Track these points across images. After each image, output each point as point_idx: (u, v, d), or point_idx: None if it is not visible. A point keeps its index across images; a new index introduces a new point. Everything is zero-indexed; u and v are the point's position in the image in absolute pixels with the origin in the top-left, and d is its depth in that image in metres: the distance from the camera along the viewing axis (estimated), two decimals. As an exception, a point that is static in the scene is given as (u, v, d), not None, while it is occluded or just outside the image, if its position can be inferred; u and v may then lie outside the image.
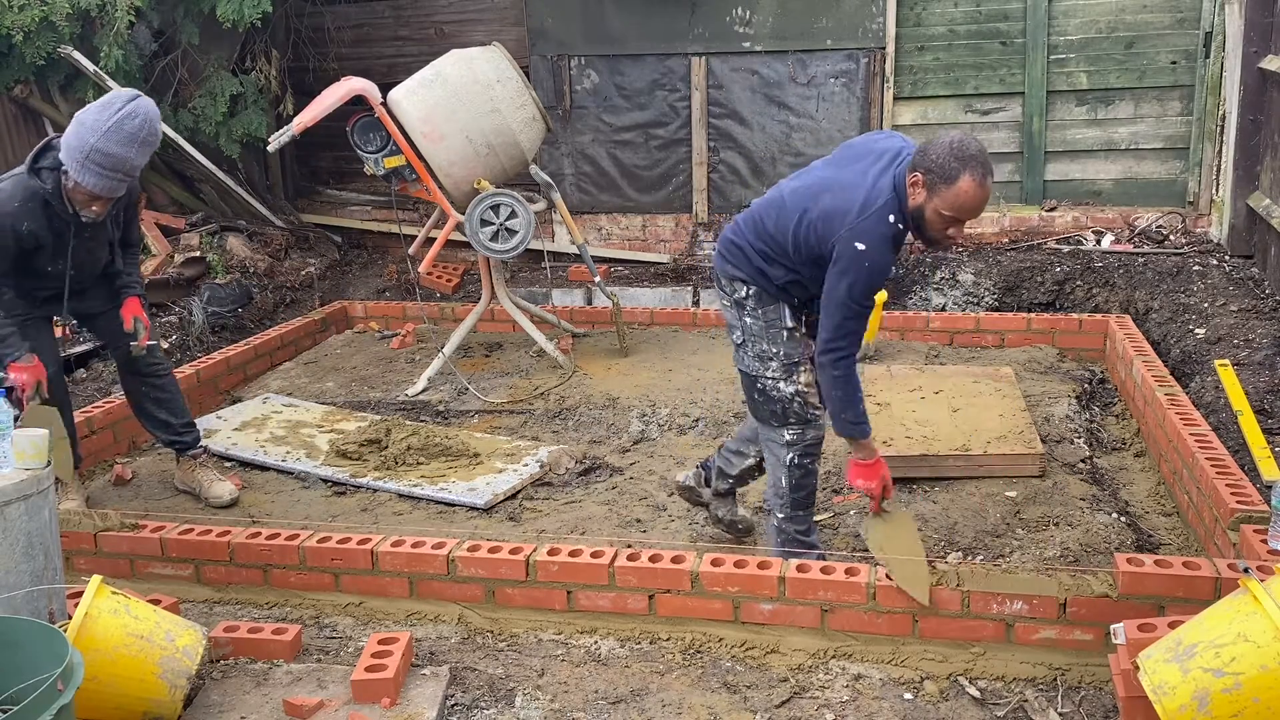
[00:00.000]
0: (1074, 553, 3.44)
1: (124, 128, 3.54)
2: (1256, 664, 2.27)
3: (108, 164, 3.56)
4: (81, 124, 3.57)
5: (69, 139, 3.58)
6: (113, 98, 3.61)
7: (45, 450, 2.91)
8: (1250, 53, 6.29)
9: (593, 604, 3.27)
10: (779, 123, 7.56)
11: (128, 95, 3.61)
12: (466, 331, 5.85)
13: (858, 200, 2.99)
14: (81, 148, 3.55)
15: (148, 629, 2.74)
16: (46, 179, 3.70)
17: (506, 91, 5.43)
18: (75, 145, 3.56)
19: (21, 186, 3.70)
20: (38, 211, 3.71)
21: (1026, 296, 6.69)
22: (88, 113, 3.59)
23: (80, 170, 3.57)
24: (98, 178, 3.58)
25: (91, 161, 3.55)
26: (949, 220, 2.94)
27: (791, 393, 3.30)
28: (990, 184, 2.90)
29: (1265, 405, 4.27)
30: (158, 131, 3.67)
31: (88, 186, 3.60)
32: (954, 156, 2.87)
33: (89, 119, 3.56)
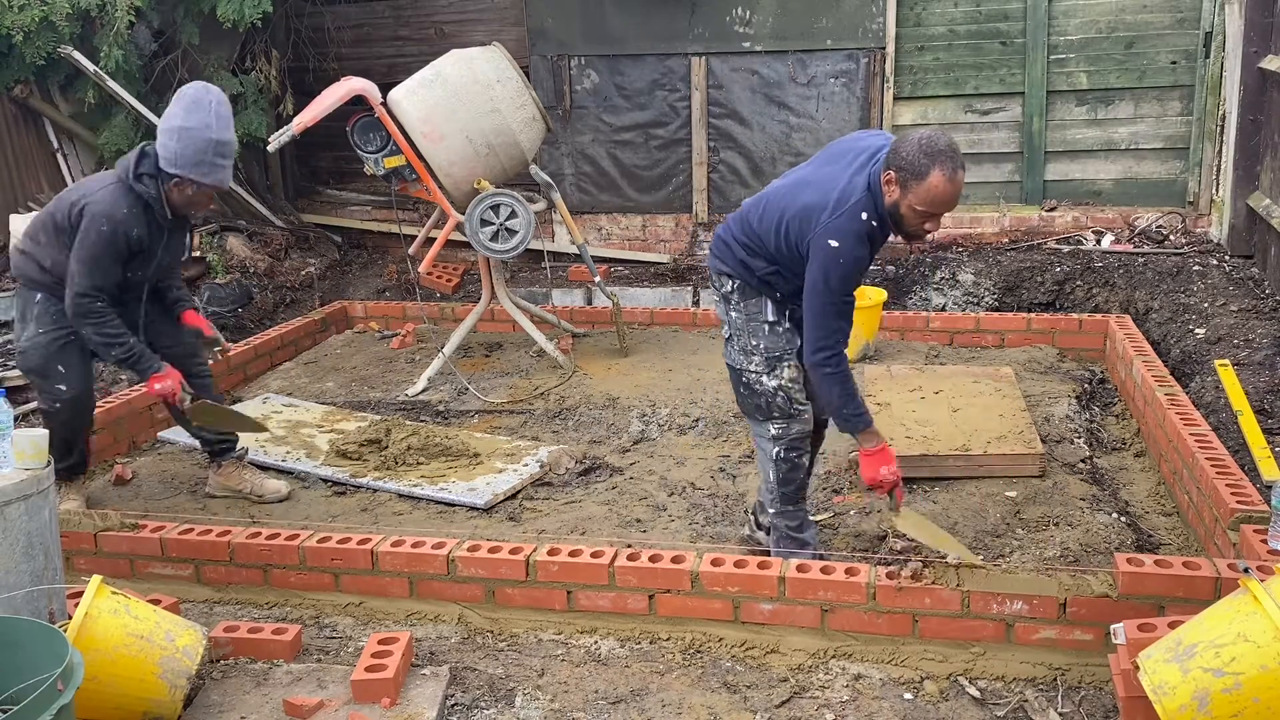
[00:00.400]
0: (1074, 553, 3.44)
1: (223, 114, 3.72)
2: (1256, 664, 2.28)
3: (226, 152, 3.72)
4: (187, 129, 3.66)
5: (180, 148, 3.66)
6: (196, 94, 3.71)
7: (45, 450, 2.91)
8: (1250, 53, 6.29)
9: (593, 604, 3.27)
10: (779, 123, 7.56)
11: (203, 86, 3.75)
12: (466, 331, 5.85)
13: (832, 198, 3.05)
14: (204, 148, 3.66)
15: (148, 629, 2.74)
16: (149, 184, 3.75)
17: (506, 91, 5.42)
18: (194, 150, 3.65)
19: (125, 192, 3.73)
20: (142, 217, 3.77)
21: (1026, 296, 6.69)
22: (183, 118, 3.66)
23: (208, 171, 3.69)
24: (222, 170, 3.74)
25: (218, 156, 3.69)
26: (923, 215, 2.99)
27: (774, 387, 3.32)
28: (961, 177, 2.94)
29: (1265, 405, 4.27)
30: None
31: (213, 182, 3.74)
32: (923, 153, 2.92)
33: (193, 121, 3.66)
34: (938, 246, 7.34)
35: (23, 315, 3.92)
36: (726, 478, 4.32)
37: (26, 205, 7.48)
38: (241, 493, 4.27)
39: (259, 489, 4.27)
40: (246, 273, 7.33)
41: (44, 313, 3.87)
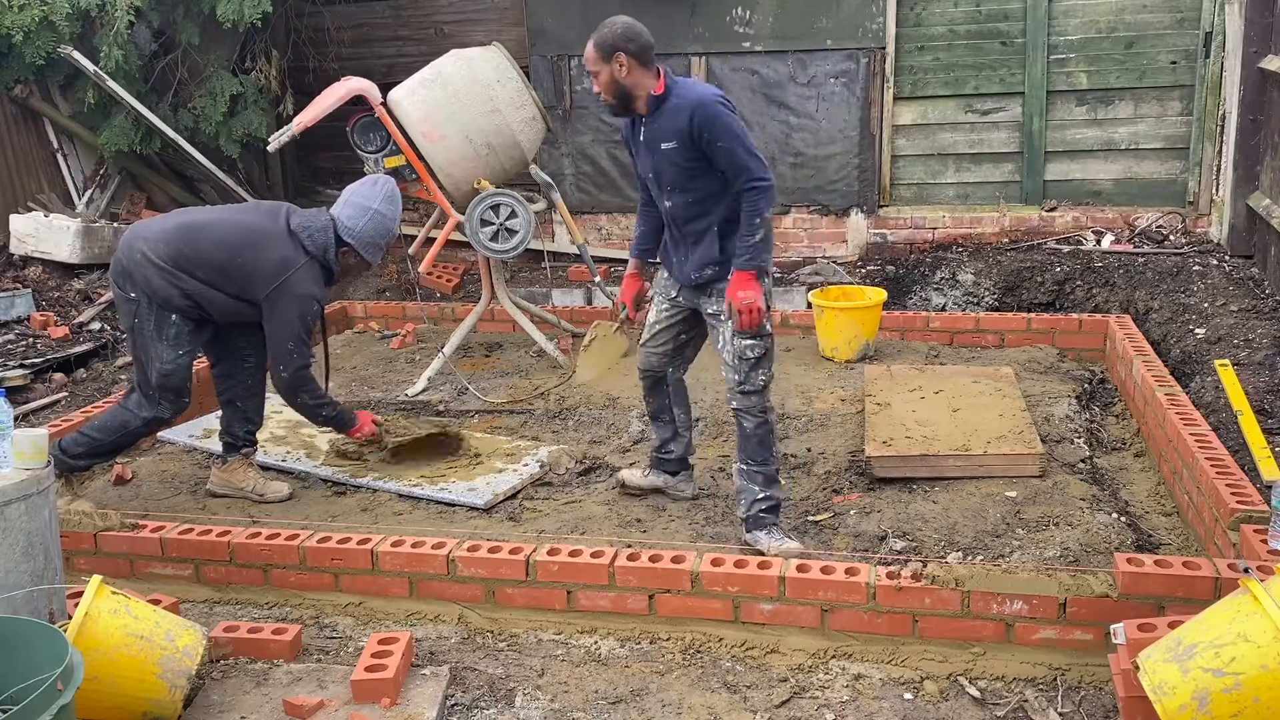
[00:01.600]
0: (1074, 553, 3.44)
1: (399, 211, 4.13)
2: (1256, 664, 2.28)
3: (390, 242, 4.16)
4: (381, 215, 4.06)
5: (367, 226, 4.03)
6: (386, 186, 4.11)
7: (45, 450, 2.91)
8: (1250, 53, 6.29)
9: (593, 604, 3.27)
10: (779, 123, 7.56)
11: (386, 179, 4.17)
12: (466, 331, 5.85)
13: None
14: (384, 235, 4.08)
15: (148, 629, 2.74)
16: (334, 261, 4.06)
17: (506, 91, 5.42)
18: (376, 233, 4.06)
19: (320, 269, 4.01)
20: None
21: (1026, 296, 6.69)
22: (382, 204, 4.06)
23: (375, 252, 4.11)
24: (380, 254, 4.16)
25: (387, 243, 4.14)
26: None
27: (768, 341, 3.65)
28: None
29: (1265, 405, 4.27)
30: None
31: (372, 261, 4.16)
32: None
33: (385, 209, 4.06)
34: (938, 247, 7.35)
35: (158, 334, 3.92)
36: (726, 478, 4.32)
37: (26, 205, 7.49)
38: (243, 491, 4.27)
39: (261, 489, 4.28)
40: (247, 273, 7.32)
41: (181, 333, 3.96)
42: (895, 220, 7.53)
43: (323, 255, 3.98)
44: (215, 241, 3.89)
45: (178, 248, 3.88)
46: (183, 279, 3.87)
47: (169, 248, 3.88)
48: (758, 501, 3.62)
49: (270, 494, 4.27)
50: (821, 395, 5.08)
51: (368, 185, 4.12)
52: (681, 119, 3.46)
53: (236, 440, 4.31)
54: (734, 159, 3.43)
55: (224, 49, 7.70)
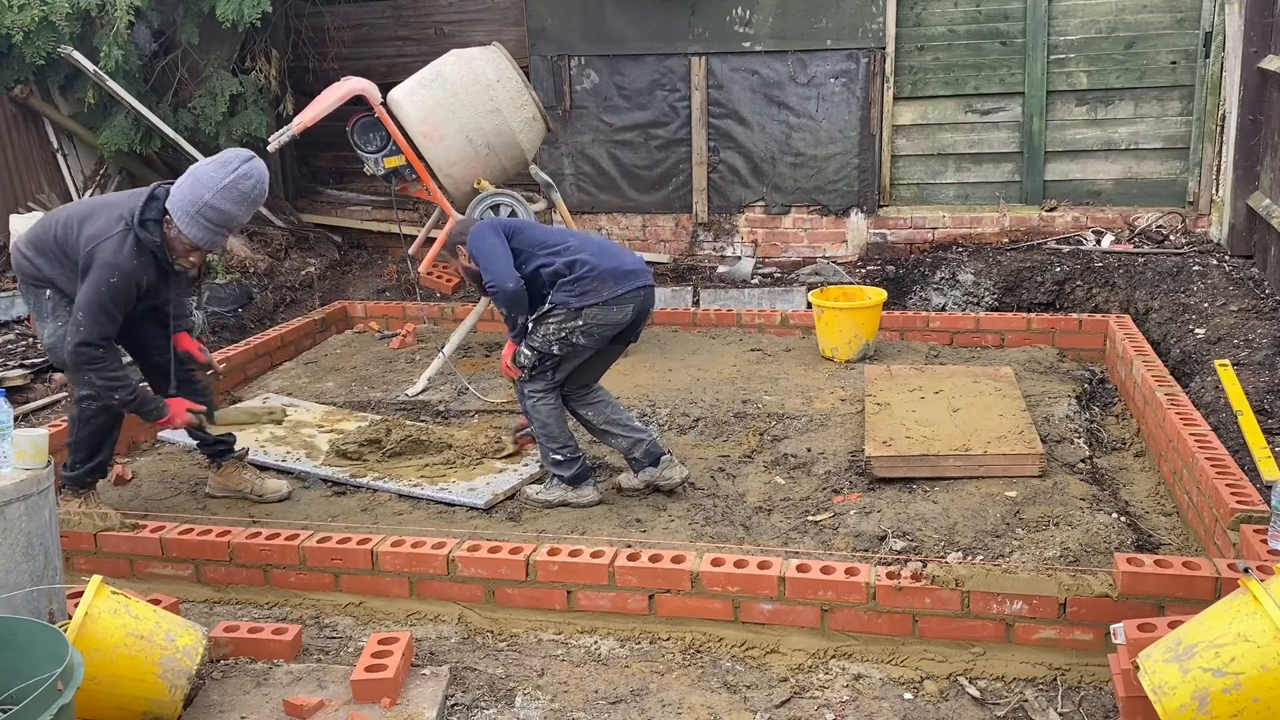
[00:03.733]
0: (1074, 553, 3.44)
1: (238, 187, 3.65)
2: (1256, 664, 2.28)
3: (218, 220, 3.66)
4: (197, 179, 3.66)
5: (182, 191, 3.65)
6: (229, 157, 3.71)
7: (45, 450, 2.91)
8: (1250, 53, 6.30)
9: (593, 604, 3.27)
10: (779, 123, 7.56)
11: (244, 155, 3.72)
12: (466, 331, 5.85)
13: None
14: (195, 203, 3.62)
15: (148, 629, 2.74)
16: (154, 231, 3.72)
17: (506, 91, 5.42)
18: (189, 199, 3.63)
19: (134, 240, 3.70)
20: (151, 263, 3.75)
21: (1026, 296, 6.69)
22: (204, 168, 3.68)
23: (189, 223, 3.65)
24: (205, 232, 3.67)
25: (203, 216, 3.63)
26: None
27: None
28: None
29: (1265, 405, 4.27)
30: (266, 193, 3.79)
31: (191, 238, 3.67)
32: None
33: (204, 175, 3.66)
34: (938, 246, 7.35)
35: (39, 313, 3.92)
36: (726, 477, 4.32)
37: (26, 205, 7.49)
38: (241, 493, 4.27)
39: (259, 489, 4.28)
40: (246, 273, 7.33)
41: (58, 305, 3.87)
42: (895, 220, 7.53)
43: (138, 225, 3.69)
44: (62, 220, 3.84)
45: (38, 232, 3.88)
46: (38, 261, 3.84)
47: (32, 233, 3.89)
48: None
49: (269, 493, 4.27)
50: (821, 395, 5.08)
51: (214, 158, 3.76)
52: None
53: (210, 449, 4.28)
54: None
55: (224, 49, 7.70)
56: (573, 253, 4.02)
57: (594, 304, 3.95)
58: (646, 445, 4.14)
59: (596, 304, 3.95)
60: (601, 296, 3.95)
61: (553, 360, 4.02)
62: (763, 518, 3.93)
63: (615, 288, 3.97)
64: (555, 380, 4.08)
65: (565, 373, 4.09)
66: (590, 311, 3.95)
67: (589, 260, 3.98)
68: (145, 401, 3.84)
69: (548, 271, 3.99)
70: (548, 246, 4.06)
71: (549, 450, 4.12)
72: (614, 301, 3.97)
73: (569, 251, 4.03)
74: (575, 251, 4.03)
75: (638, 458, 4.13)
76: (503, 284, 3.95)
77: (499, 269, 3.98)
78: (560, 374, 4.08)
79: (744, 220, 7.78)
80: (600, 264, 3.98)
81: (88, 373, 3.71)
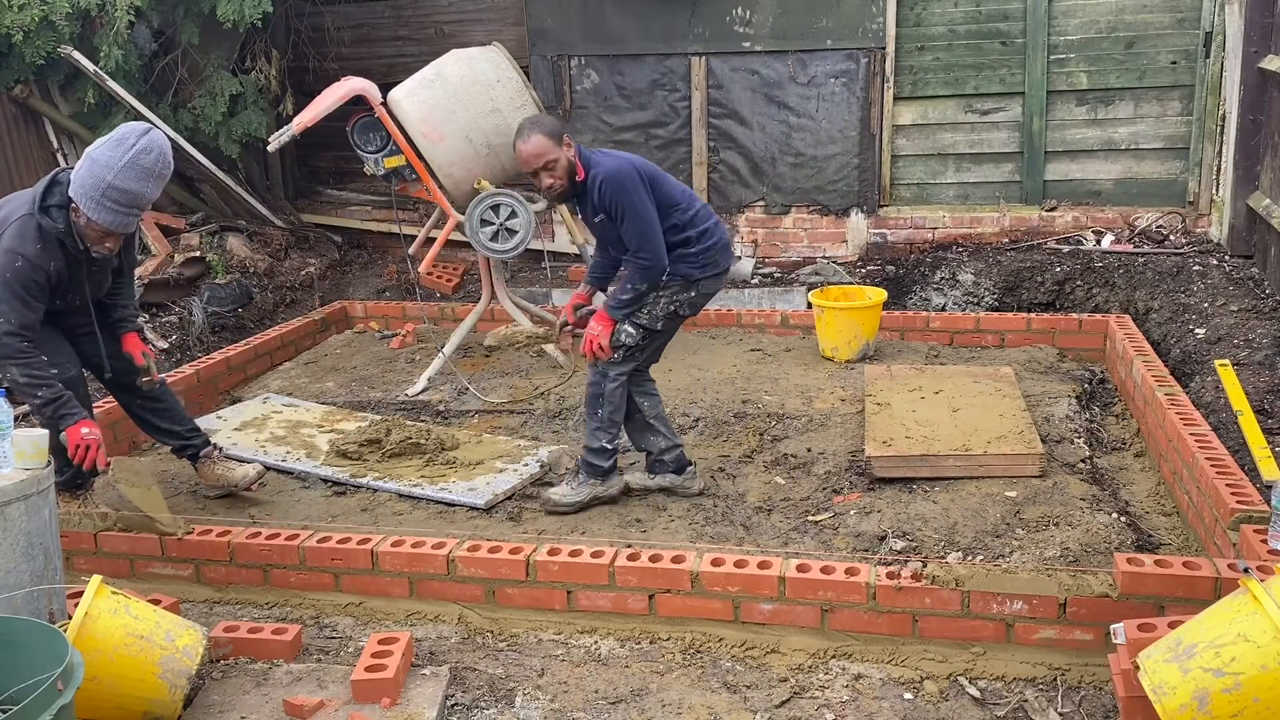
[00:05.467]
0: (1074, 553, 3.44)
1: (139, 163, 3.48)
2: (1256, 664, 2.28)
3: (124, 200, 3.50)
4: (95, 161, 3.49)
5: (81, 176, 3.50)
6: (125, 133, 3.52)
7: (45, 450, 2.91)
8: (1250, 53, 6.29)
9: (593, 604, 3.27)
10: (779, 123, 7.56)
11: (140, 130, 3.54)
12: (466, 331, 5.85)
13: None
14: (97, 185, 3.47)
15: (148, 629, 2.74)
16: (56, 217, 3.58)
17: (506, 91, 5.42)
18: (90, 184, 3.48)
19: (35, 226, 3.56)
20: (56, 250, 3.61)
21: (1026, 296, 6.69)
22: (100, 149, 3.51)
23: (95, 208, 3.49)
24: (113, 214, 3.51)
25: (107, 199, 3.48)
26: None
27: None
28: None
29: (1265, 405, 4.27)
30: (170, 165, 3.62)
31: (102, 223, 3.52)
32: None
33: (101, 156, 3.48)
34: (938, 246, 7.35)
35: None
36: (726, 477, 4.32)
37: (26, 205, 7.48)
38: (221, 487, 4.24)
39: (230, 478, 4.20)
40: (246, 273, 7.33)
41: None
42: (895, 220, 7.53)
43: (39, 212, 3.57)
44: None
45: None
46: None
47: None
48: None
49: (238, 480, 4.18)
50: (821, 395, 5.08)
51: (108, 137, 3.55)
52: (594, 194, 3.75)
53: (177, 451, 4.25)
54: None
55: (224, 49, 7.70)
56: (701, 219, 3.78)
57: (711, 275, 3.78)
58: (679, 452, 4.09)
59: (713, 275, 3.78)
60: (719, 268, 3.78)
61: (649, 338, 3.82)
62: (763, 518, 3.93)
63: (727, 259, 3.83)
64: (640, 361, 3.91)
65: (650, 352, 3.92)
66: (705, 283, 3.78)
67: (714, 229, 3.78)
68: (67, 404, 3.63)
69: (675, 239, 3.74)
70: (678, 207, 3.77)
71: (601, 436, 3.92)
72: (722, 275, 3.82)
73: (698, 218, 3.78)
74: (702, 219, 3.79)
75: (666, 460, 4.08)
76: (658, 261, 3.66)
77: (655, 242, 3.66)
78: (646, 354, 3.90)
79: (744, 220, 7.78)
80: (721, 233, 3.81)
81: (14, 367, 3.57)
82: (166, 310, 6.77)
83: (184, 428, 4.25)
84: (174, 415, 4.23)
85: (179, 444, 4.25)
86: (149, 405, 4.19)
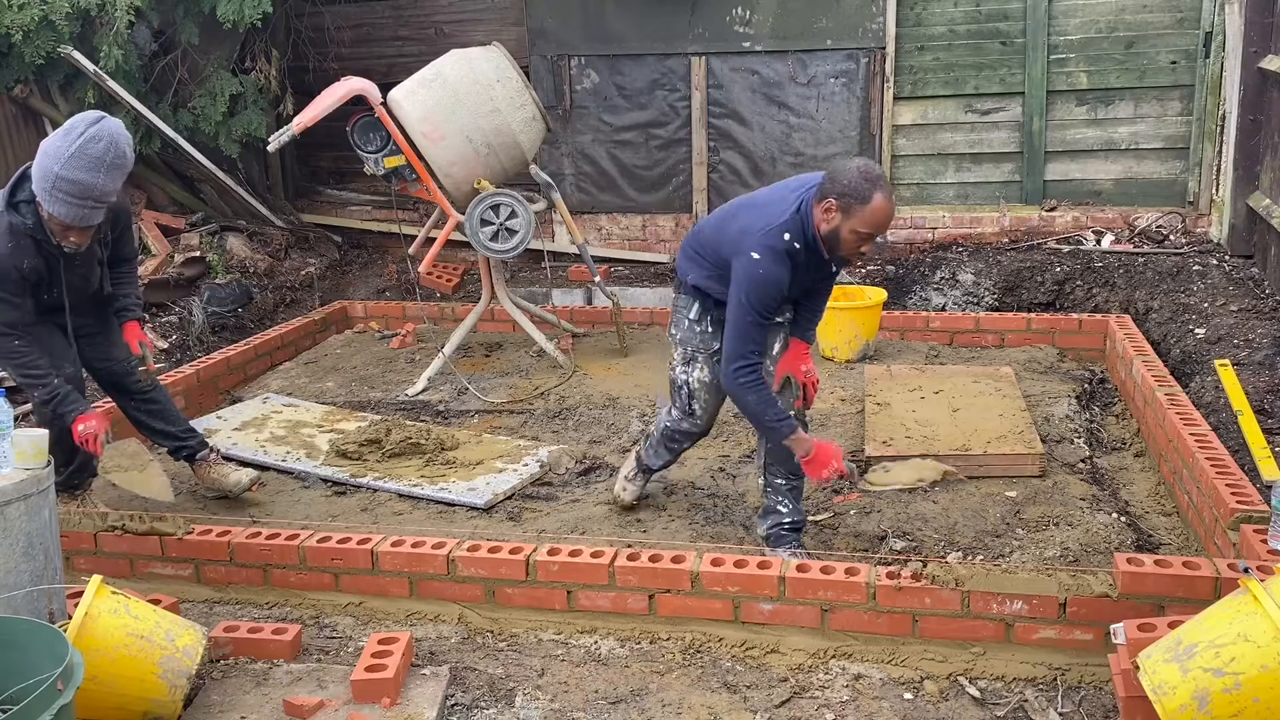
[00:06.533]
0: (1074, 553, 3.44)
1: (87, 152, 3.36)
2: (1256, 664, 2.28)
3: (75, 192, 3.38)
4: (45, 153, 3.39)
5: (36, 169, 3.41)
6: (74, 122, 3.42)
7: (45, 450, 2.91)
8: (1250, 53, 6.29)
9: (593, 604, 3.27)
10: (779, 123, 7.56)
11: (90, 118, 3.43)
12: (466, 331, 5.85)
13: (764, 219, 3.27)
14: (47, 177, 3.37)
15: (148, 629, 2.74)
16: (26, 213, 3.51)
17: (506, 91, 5.42)
18: (40, 175, 3.39)
19: (5, 224, 3.51)
20: (30, 247, 3.55)
21: (1026, 296, 6.69)
22: (50, 140, 3.42)
23: (50, 201, 3.40)
24: (67, 207, 3.40)
25: (59, 190, 3.37)
26: (862, 237, 3.20)
27: (683, 380, 3.66)
28: (892, 200, 3.20)
29: (1265, 405, 4.27)
30: (125, 153, 3.47)
31: (60, 216, 3.43)
32: (864, 179, 3.14)
33: (50, 147, 3.39)
34: (938, 246, 7.35)
35: None
36: (726, 477, 4.32)
37: (26, 205, 7.47)
38: (214, 489, 4.24)
39: (224, 483, 4.19)
40: (246, 273, 7.33)
41: None
42: (895, 220, 7.50)
43: (7, 208, 3.52)
44: None
45: None
46: None
47: None
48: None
49: (231, 486, 4.17)
50: (821, 395, 5.08)
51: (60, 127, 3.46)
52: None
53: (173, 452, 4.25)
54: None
55: (224, 49, 7.70)
56: None
57: None
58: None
59: None
60: None
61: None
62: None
63: None
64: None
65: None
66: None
67: None
68: (68, 399, 3.63)
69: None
70: None
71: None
72: None
73: None
74: None
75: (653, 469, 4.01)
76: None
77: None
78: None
79: (744, 220, 7.77)
80: None
81: (10, 367, 3.54)
82: (166, 310, 6.76)
83: (179, 429, 4.24)
84: (168, 416, 4.23)
85: (174, 445, 4.25)
86: (144, 407, 4.19)
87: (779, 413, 3.35)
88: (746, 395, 3.31)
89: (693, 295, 3.59)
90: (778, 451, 3.57)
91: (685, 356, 3.63)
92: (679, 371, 3.64)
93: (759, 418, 3.37)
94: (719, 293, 3.45)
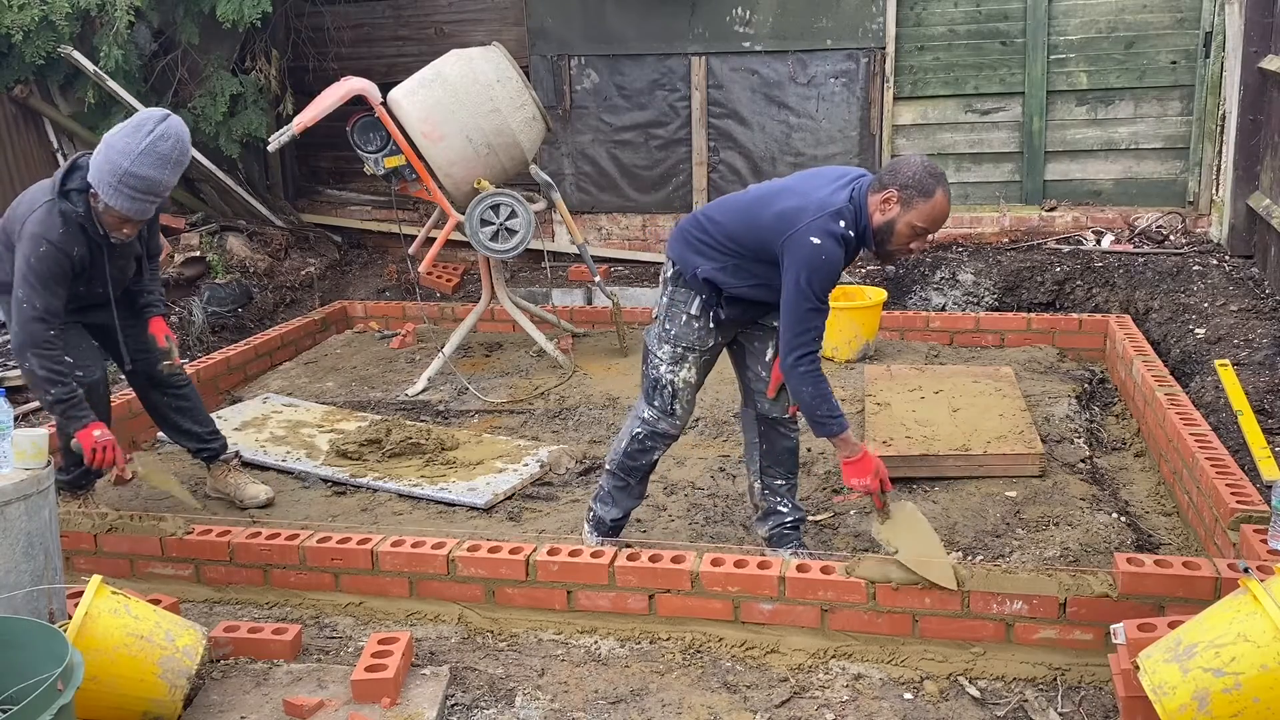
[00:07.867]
0: (1074, 553, 3.44)
1: (157, 149, 3.45)
2: (1256, 664, 2.27)
3: (141, 187, 3.47)
4: (111, 147, 3.47)
5: (99, 162, 3.48)
6: (143, 119, 3.51)
7: (45, 450, 2.91)
8: (1250, 53, 6.29)
9: (593, 604, 3.27)
10: (779, 123, 7.56)
11: (158, 116, 3.52)
12: (466, 331, 5.85)
13: (813, 203, 3.15)
14: (114, 171, 3.45)
15: (148, 629, 2.74)
16: (77, 202, 3.59)
17: (506, 91, 5.42)
18: (107, 169, 3.46)
19: (57, 212, 3.57)
20: (78, 235, 3.61)
21: (1026, 296, 6.69)
22: (117, 135, 3.49)
23: (113, 194, 3.48)
24: (130, 201, 3.49)
25: (125, 185, 3.45)
26: (919, 232, 3.12)
27: (668, 379, 3.49)
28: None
29: (1265, 405, 4.27)
30: (189, 151, 3.59)
31: (120, 210, 3.51)
32: (928, 174, 3.09)
33: (119, 142, 3.47)
34: (938, 246, 7.34)
35: (7, 315, 3.75)
36: (726, 477, 4.32)
37: (26, 205, 7.48)
38: (228, 496, 4.25)
39: (240, 493, 4.21)
40: (246, 273, 7.33)
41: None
42: (895, 220, 7.52)
43: (60, 196, 3.59)
44: (7, 215, 3.72)
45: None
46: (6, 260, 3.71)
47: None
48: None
49: (247, 499, 4.19)
50: (821, 395, 5.08)
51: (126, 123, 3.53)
52: None
53: (197, 453, 4.25)
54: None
55: (224, 49, 7.70)
56: None
57: None
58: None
59: None
60: None
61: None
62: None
63: None
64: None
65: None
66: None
67: None
68: (78, 405, 3.62)
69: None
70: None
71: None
72: None
73: None
74: None
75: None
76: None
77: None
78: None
79: (744, 220, 7.77)
80: None
81: (34, 357, 3.55)
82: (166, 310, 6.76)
83: (205, 429, 4.25)
84: (197, 415, 4.23)
85: (197, 445, 4.24)
86: (175, 403, 4.18)
87: (833, 408, 3.18)
88: (804, 386, 3.14)
89: (697, 289, 3.39)
90: (776, 453, 3.56)
91: (674, 355, 3.45)
92: (664, 370, 3.47)
93: (812, 410, 3.18)
94: (732, 286, 3.32)
